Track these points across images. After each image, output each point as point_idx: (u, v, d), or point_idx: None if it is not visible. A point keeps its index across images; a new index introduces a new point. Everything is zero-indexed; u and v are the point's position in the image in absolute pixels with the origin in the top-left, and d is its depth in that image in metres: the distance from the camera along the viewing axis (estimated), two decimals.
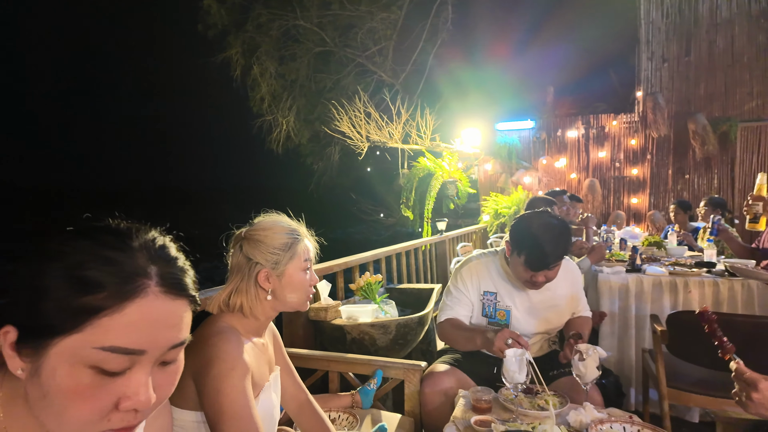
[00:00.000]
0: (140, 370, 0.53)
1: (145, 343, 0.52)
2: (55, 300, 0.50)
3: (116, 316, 0.51)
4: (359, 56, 9.81)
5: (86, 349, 0.50)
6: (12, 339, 0.52)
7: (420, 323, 2.45)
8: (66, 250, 0.53)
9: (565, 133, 7.85)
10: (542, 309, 1.78)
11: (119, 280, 0.52)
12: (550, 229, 1.60)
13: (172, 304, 0.55)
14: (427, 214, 7.98)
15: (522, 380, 1.34)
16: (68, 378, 0.50)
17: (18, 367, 0.52)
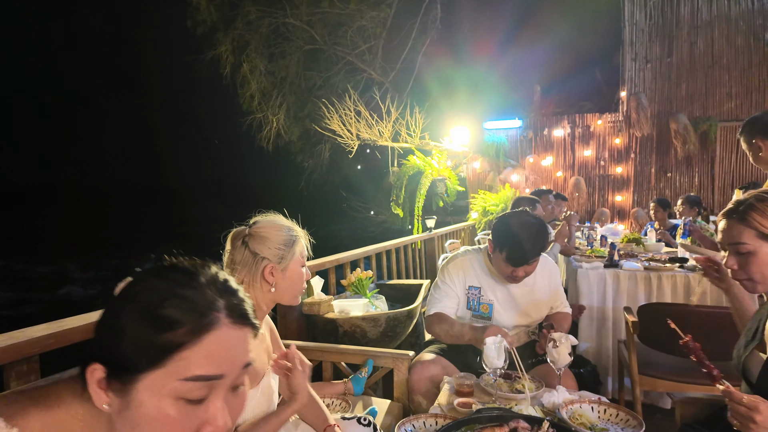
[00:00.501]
0: (217, 396, 0.58)
1: (222, 369, 0.58)
2: (138, 339, 0.55)
3: (195, 349, 0.56)
4: (349, 54, 9.87)
5: (172, 381, 0.55)
6: (99, 376, 0.57)
7: (409, 317, 2.56)
8: (143, 291, 0.58)
9: (551, 131, 8.01)
10: (522, 303, 1.91)
11: (195, 315, 0.57)
12: (528, 227, 1.72)
13: (241, 332, 0.61)
14: (417, 212, 8.10)
15: (500, 365, 1.46)
16: (157, 410, 0.55)
17: (103, 402, 0.57)
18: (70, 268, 15.72)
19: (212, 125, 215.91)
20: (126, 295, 0.59)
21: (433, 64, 9.43)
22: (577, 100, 9.96)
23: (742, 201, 1.20)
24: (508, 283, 1.87)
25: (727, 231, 1.21)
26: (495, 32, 9.64)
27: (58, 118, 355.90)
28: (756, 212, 1.15)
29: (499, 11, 10.09)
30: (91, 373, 0.57)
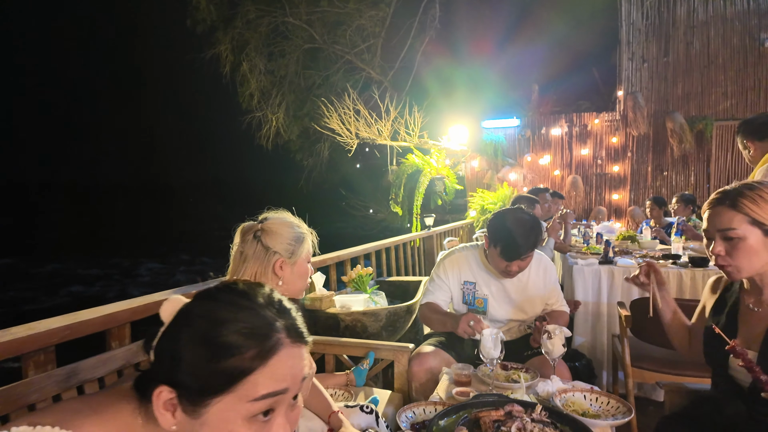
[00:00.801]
0: (280, 410, 0.62)
1: (287, 385, 0.61)
2: (202, 366, 0.57)
3: (263, 370, 0.59)
4: (348, 53, 9.91)
5: (242, 404, 0.58)
6: (165, 398, 0.59)
7: (408, 312, 2.63)
8: (202, 316, 0.60)
9: (549, 130, 8.08)
10: (516, 298, 1.97)
11: (259, 340, 0.60)
12: (522, 223, 1.79)
13: (300, 350, 0.64)
14: (416, 210, 8.16)
15: (497, 356, 1.52)
16: (228, 430, 0.58)
17: (171, 424, 0.60)
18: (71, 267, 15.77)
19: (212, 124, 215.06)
20: (184, 321, 0.62)
21: (431, 63, 9.48)
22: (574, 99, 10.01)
23: (731, 189, 1.23)
24: (503, 278, 1.94)
25: (717, 217, 1.23)
26: (493, 31, 9.69)
27: (56, 117, 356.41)
28: (747, 199, 1.18)
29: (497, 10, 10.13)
30: (158, 396, 0.60)
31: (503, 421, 1.00)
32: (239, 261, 1.30)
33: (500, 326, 1.98)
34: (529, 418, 1.01)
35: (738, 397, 1.23)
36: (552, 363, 1.57)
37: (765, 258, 1.18)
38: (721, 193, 1.25)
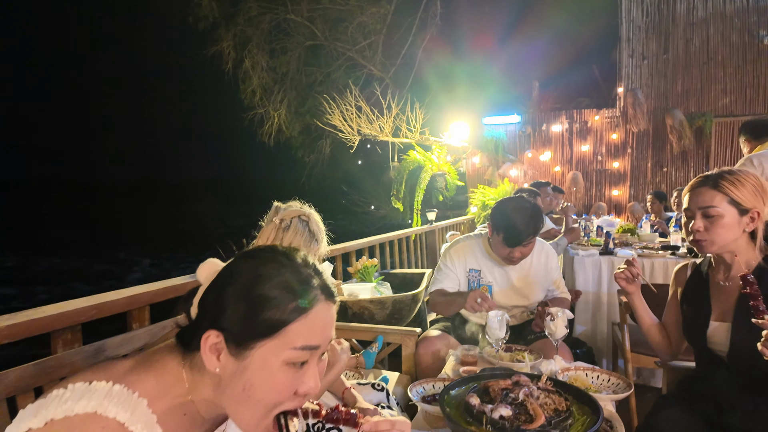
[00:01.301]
0: (312, 362, 0.69)
1: (321, 340, 0.68)
2: (252, 313, 0.64)
3: (303, 321, 0.66)
4: (349, 50, 9.95)
5: (284, 349, 0.64)
6: (212, 342, 0.65)
7: (414, 300, 2.69)
8: (247, 271, 0.67)
9: (549, 127, 8.14)
10: (519, 284, 2.04)
11: (299, 293, 0.66)
12: (522, 210, 1.86)
13: (332, 308, 0.71)
14: (417, 206, 8.22)
15: (502, 337, 1.59)
16: (269, 374, 0.64)
17: (215, 366, 0.65)
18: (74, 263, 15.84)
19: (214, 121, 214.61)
20: (230, 277, 0.68)
21: (432, 59, 9.53)
22: (575, 96, 10.06)
23: (713, 173, 1.35)
24: (506, 265, 2.00)
25: (699, 197, 1.33)
26: (494, 28, 9.74)
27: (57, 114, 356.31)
28: (727, 181, 1.30)
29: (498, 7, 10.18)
30: (205, 340, 0.65)
31: (511, 389, 1.07)
32: (281, 235, 1.36)
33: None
34: (535, 387, 1.07)
35: (720, 366, 1.32)
36: (555, 344, 1.64)
37: (736, 235, 1.30)
38: (703, 177, 1.37)
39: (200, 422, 0.73)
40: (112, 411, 0.58)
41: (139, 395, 0.63)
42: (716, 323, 1.36)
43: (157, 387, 0.66)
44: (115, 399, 0.60)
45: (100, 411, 0.58)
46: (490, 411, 0.99)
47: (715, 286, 1.40)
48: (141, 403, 0.63)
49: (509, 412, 0.98)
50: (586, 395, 1.09)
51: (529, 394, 1.03)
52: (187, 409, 0.70)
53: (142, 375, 0.66)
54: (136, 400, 0.62)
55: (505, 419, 0.96)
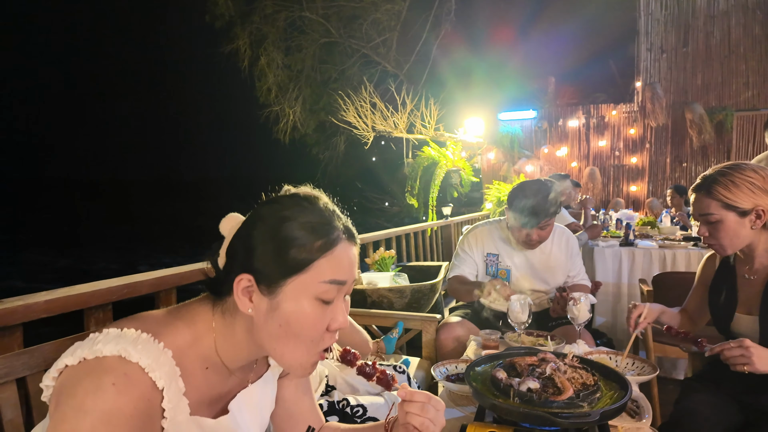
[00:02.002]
0: (339, 299, 0.72)
1: (346, 277, 0.71)
2: (293, 247, 0.67)
3: (329, 257, 0.69)
4: (363, 47, 9.99)
5: (313, 284, 0.68)
6: (244, 285, 0.68)
7: (432, 290, 2.70)
8: (296, 213, 0.70)
9: (566, 122, 8.06)
10: (538, 269, 2.04)
11: (323, 233, 0.69)
12: (539, 192, 1.86)
13: (354, 248, 0.75)
14: (432, 203, 8.22)
15: (524, 320, 1.59)
16: (300, 308, 0.67)
17: (248, 307, 0.68)
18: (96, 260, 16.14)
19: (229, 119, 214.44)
20: (256, 222, 0.71)
21: (447, 55, 9.51)
22: (591, 91, 9.95)
23: (708, 176, 1.34)
24: (526, 249, 2.00)
25: (697, 204, 1.35)
26: (509, 24, 9.68)
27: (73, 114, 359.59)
28: (720, 185, 1.29)
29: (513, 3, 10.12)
30: (238, 283, 0.68)
31: (537, 365, 1.07)
32: None
33: None
34: (562, 363, 1.07)
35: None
36: (577, 329, 1.64)
37: (745, 234, 1.30)
38: (701, 180, 1.36)
39: (225, 375, 0.75)
40: (135, 356, 0.61)
41: (165, 346, 0.66)
42: (742, 315, 1.36)
43: (185, 338, 0.69)
44: (140, 346, 0.63)
45: (125, 355, 0.61)
46: (517, 384, 0.99)
47: (741, 278, 1.41)
48: (165, 354, 0.65)
49: (537, 384, 0.98)
50: (613, 372, 1.09)
51: (556, 369, 1.04)
52: (211, 362, 0.73)
53: (171, 326, 0.69)
54: (161, 350, 0.65)
55: (533, 391, 0.97)
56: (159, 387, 0.63)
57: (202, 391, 0.72)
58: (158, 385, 0.63)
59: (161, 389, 0.63)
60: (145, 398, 0.61)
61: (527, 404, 0.95)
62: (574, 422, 0.89)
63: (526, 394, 0.97)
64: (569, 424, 0.89)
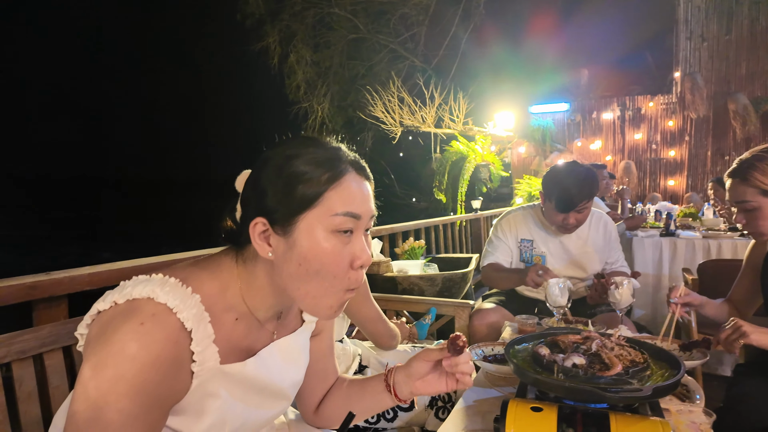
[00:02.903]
0: (358, 235, 0.71)
1: (360, 210, 0.69)
2: (301, 182, 0.66)
3: (338, 189, 0.68)
4: (391, 42, 9.96)
5: (325, 217, 0.66)
6: (260, 230, 0.67)
7: (463, 279, 2.66)
8: (281, 155, 0.69)
9: (600, 115, 7.84)
10: (574, 255, 1.97)
11: (329, 166, 0.68)
12: (575, 174, 1.79)
13: (364, 183, 0.73)
14: (460, 198, 8.14)
15: (563, 303, 1.53)
16: (317, 244, 0.66)
17: (267, 251, 0.68)
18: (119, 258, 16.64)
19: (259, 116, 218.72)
20: (263, 164, 0.70)
21: (477, 49, 9.39)
22: (626, 83, 9.64)
23: (744, 161, 1.27)
24: (561, 235, 1.94)
25: (733, 190, 1.30)
26: (540, 16, 9.47)
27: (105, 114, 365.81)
28: (756, 171, 1.23)
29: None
30: (253, 228, 0.68)
31: (582, 342, 1.03)
32: None
33: None
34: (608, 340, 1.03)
35: None
36: (619, 314, 1.57)
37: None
38: (737, 164, 1.30)
39: (255, 326, 0.75)
40: (163, 297, 0.61)
41: (193, 291, 0.66)
42: None
43: (211, 286, 0.69)
44: (168, 288, 0.63)
45: (153, 296, 0.61)
46: (561, 360, 0.95)
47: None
48: (193, 297, 0.65)
49: (583, 360, 0.94)
50: (663, 351, 1.04)
51: (603, 346, 0.99)
52: (240, 312, 0.72)
53: (197, 274, 0.70)
54: (189, 294, 0.65)
55: (579, 367, 0.93)
56: (187, 328, 0.63)
57: (232, 341, 0.72)
58: (186, 327, 0.62)
59: (189, 331, 0.63)
60: (173, 339, 0.61)
61: (573, 380, 0.91)
62: (624, 397, 0.85)
63: (571, 370, 0.93)
64: (619, 399, 0.85)
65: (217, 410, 0.68)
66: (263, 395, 0.78)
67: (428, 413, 1.31)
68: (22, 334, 1.13)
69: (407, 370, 0.84)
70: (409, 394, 0.85)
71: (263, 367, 0.76)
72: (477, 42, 9.38)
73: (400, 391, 0.85)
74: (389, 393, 0.86)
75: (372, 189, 0.75)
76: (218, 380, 0.68)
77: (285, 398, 0.83)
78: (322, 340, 0.95)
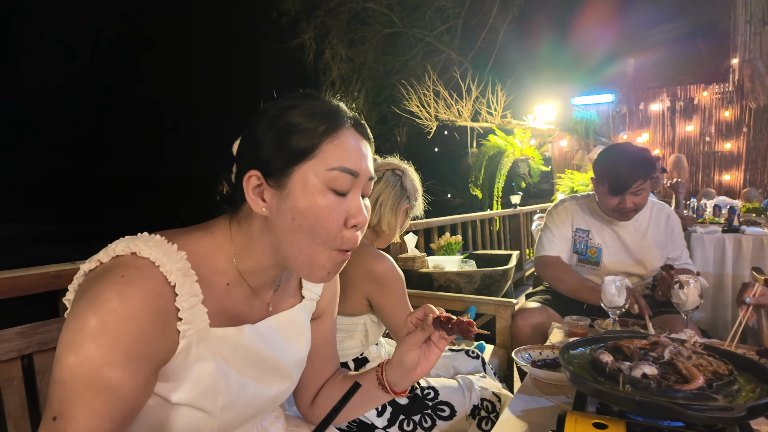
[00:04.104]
0: (355, 193, 0.68)
1: (357, 167, 0.66)
2: (296, 132, 0.63)
3: (336, 142, 0.65)
4: (427, 36, 9.80)
5: (320, 171, 0.64)
6: (254, 183, 0.65)
7: (504, 276, 2.52)
8: (276, 106, 0.67)
9: (648, 106, 7.42)
10: (633, 249, 1.79)
11: (328, 116, 0.66)
12: (627, 153, 1.63)
13: (364, 141, 0.70)
14: (497, 193, 7.90)
15: (621, 304, 1.38)
16: (311, 198, 0.63)
17: (261, 206, 0.65)
18: None
19: None
20: (259, 116, 0.67)
21: (516, 40, 9.10)
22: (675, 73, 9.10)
23: None
24: (618, 225, 1.77)
25: None
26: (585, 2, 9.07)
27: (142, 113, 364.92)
28: None
29: None
30: (247, 181, 0.65)
31: (650, 349, 0.89)
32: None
33: None
34: (683, 347, 0.89)
35: None
36: (684, 317, 1.40)
37: None
38: None
39: (247, 294, 0.72)
40: (146, 252, 0.60)
41: (179, 248, 0.63)
42: None
43: (201, 245, 0.67)
44: (151, 243, 0.62)
45: (136, 251, 0.60)
46: (628, 369, 0.82)
47: None
48: (179, 254, 0.63)
49: (654, 370, 0.80)
50: (750, 361, 0.89)
51: (677, 354, 0.85)
52: (232, 278, 0.70)
53: (188, 234, 0.68)
54: (174, 250, 0.63)
55: (650, 378, 0.79)
56: (171, 282, 0.60)
57: (223, 305, 0.68)
58: (170, 281, 0.60)
59: (173, 285, 0.60)
60: (156, 291, 0.59)
61: (644, 392, 0.78)
62: (710, 417, 0.71)
63: (640, 381, 0.79)
64: (705, 419, 0.71)
65: (208, 377, 0.64)
66: (261, 368, 0.73)
67: (470, 423, 1.20)
68: (45, 324, 1.09)
69: (401, 365, 0.78)
70: (409, 384, 0.82)
71: (261, 339, 0.72)
72: (516, 33, 9.09)
73: (398, 386, 0.81)
74: (384, 391, 0.82)
75: (372, 151, 0.72)
76: (209, 344, 0.65)
77: (287, 377, 0.78)
78: (323, 323, 0.90)
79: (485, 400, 1.23)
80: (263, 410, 0.79)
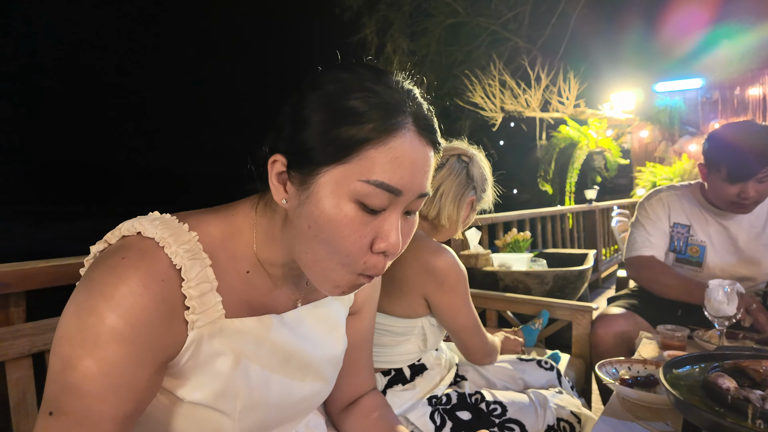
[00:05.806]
0: (394, 212, 0.55)
1: (403, 184, 0.53)
2: (321, 129, 0.52)
3: (381, 149, 0.51)
4: (493, 24, 9.44)
5: (353, 181, 0.51)
6: (279, 169, 0.55)
7: (579, 278, 2.29)
8: (329, 81, 0.54)
9: (744, 91, 6.63)
10: (745, 248, 1.52)
11: (383, 112, 0.52)
12: (752, 133, 1.35)
13: (424, 148, 0.55)
14: (569, 188, 7.45)
15: (731, 313, 1.15)
16: (335, 208, 0.52)
17: (282, 197, 0.56)
18: None
19: None
20: (311, 85, 0.55)
21: (589, 24, 8.50)
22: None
23: None
24: (728, 219, 1.51)
25: None
26: None
27: (206, 111, 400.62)
28: None
29: None
30: (272, 165, 0.56)
31: None
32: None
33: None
34: None
35: None
36: None
37: None
38: None
39: (269, 285, 0.64)
40: (152, 231, 0.54)
41: (190, 228, 0.57)
42: None
43: (218, 227, 0.60)
44: (158, 222, 0.56)
45: (141, 230, 0.55)
46: (760, 400, 0.64)
47: None
48: (189, 234, 0.56)
49: None
50: None
51: None
52: (252, 265, 0.62)
53: (204, 215, 0.61)
54: (184, 230, 0.56)
55: None
56: (176, 266, 0.53)
57: (243, 295, 0.61)
58: (175, 264, 0.53)
59: (179, 269, 0.53)
60: (158, 276, 0.51)
61: None
62: None
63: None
64: None
65: (225, 374, 0.57)
66: (289, 364, 0.64)
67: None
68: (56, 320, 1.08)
69: None
70: None
71: (289, 332, 0.64)
72: (591, 16, 8.48)
73: None
74: None
75: (434, 160, 0.57)
76: (225, 337, 0.57)
77: (320, 377, 0.69)
78: (362, 319, 0.81)
79: (562, 420, 1.06)
80: (294, 416, 0.69)
